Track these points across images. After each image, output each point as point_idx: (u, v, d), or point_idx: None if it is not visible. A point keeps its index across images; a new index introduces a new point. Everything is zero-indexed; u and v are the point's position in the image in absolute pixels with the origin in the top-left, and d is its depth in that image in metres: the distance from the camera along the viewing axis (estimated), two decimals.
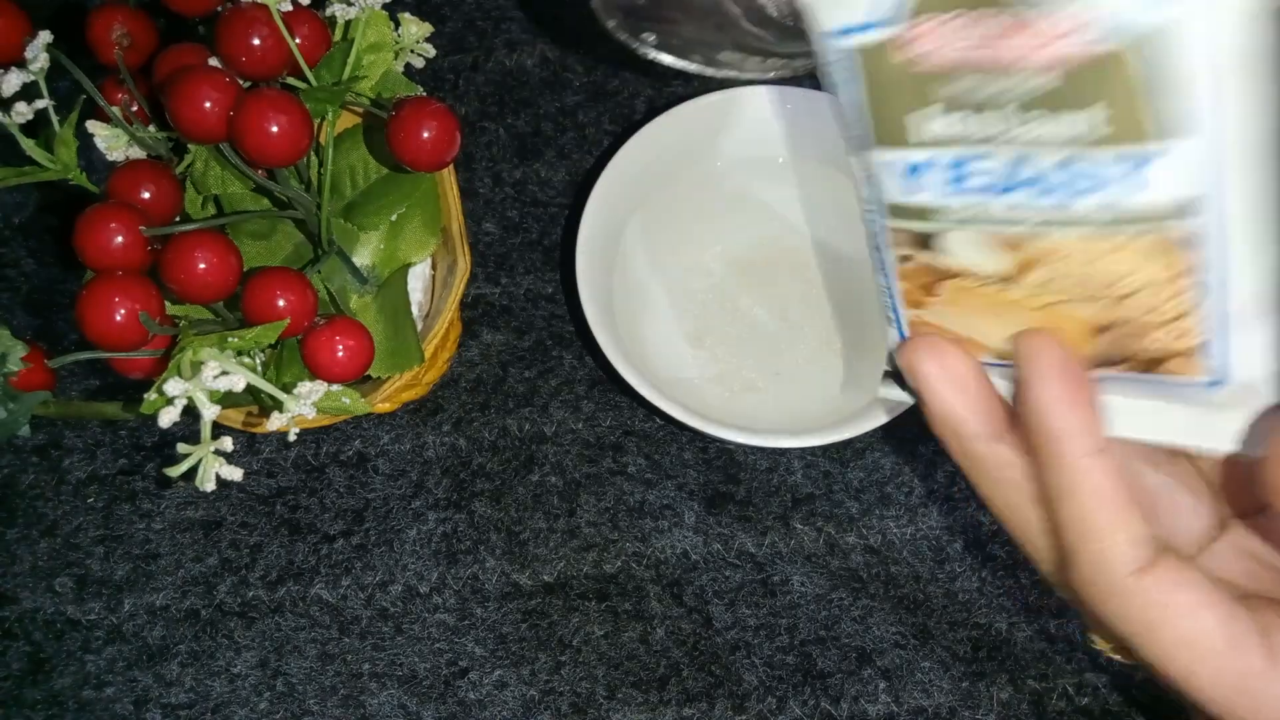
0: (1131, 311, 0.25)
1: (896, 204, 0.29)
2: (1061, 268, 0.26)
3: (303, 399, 0.34)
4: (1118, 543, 0.27)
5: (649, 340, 0.50)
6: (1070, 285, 0.26)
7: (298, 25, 0.37)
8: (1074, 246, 0.25)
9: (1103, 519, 0.27)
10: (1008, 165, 0.26)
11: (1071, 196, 0.25)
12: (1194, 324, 0.25)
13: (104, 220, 0.34)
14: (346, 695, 0.46)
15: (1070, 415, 0.27)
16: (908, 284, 0.31)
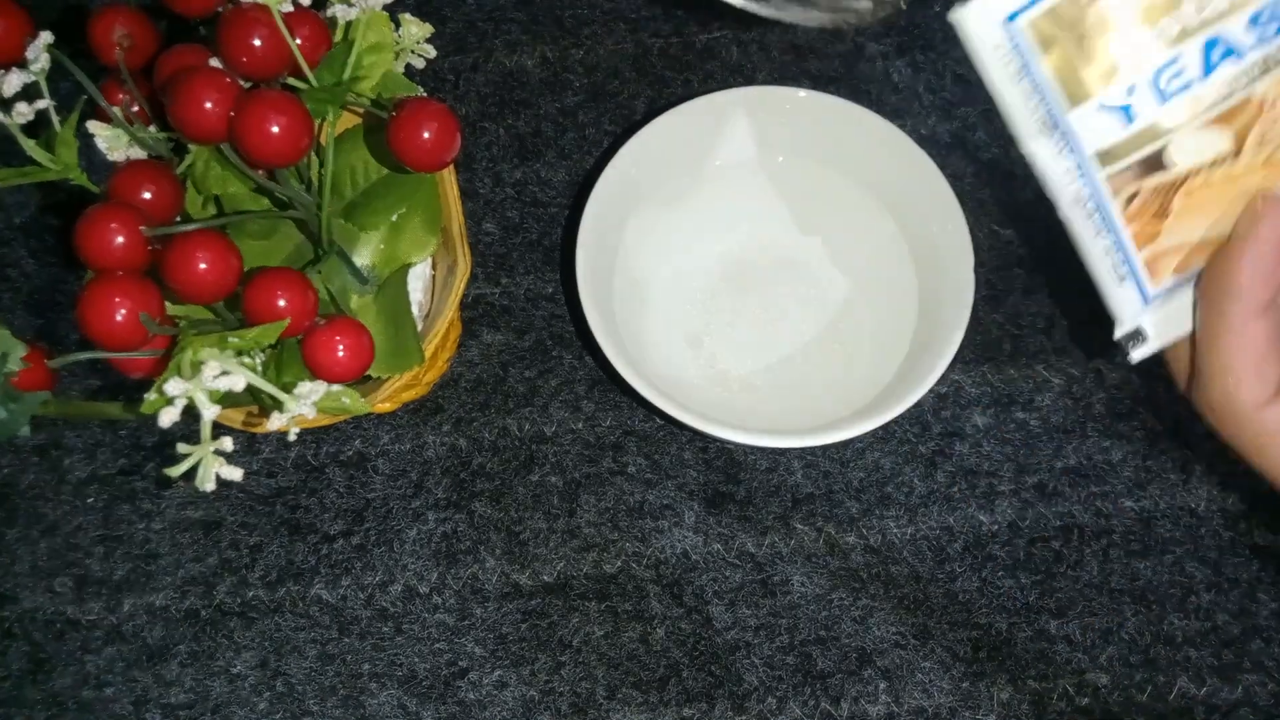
0: None
1: (1107, 149, 0.31)
2: (1270, 116, 0.29)
3: (303, 399, 0.34)
4: (1243, 381, 0.32)
5: (649, 340, 0.50)
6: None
7: (298, 26, 0.37)
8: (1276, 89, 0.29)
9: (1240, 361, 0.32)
10: (1198, 54, 0.30)
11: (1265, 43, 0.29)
12: None
13: (105, 220, 0.34)
14: (346, 695, 0.46)
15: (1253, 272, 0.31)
16: (1138, 224, 0.33)
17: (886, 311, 0.50)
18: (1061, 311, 0.52)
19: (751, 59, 0.57)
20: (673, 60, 0.56)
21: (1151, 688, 0.46)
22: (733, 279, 0.51)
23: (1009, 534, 0.48)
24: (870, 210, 0.51)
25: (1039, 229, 0.53)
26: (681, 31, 0.57)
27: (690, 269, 0.51)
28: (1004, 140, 0.55)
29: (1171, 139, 0.31)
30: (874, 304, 0.51)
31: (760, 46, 0.57)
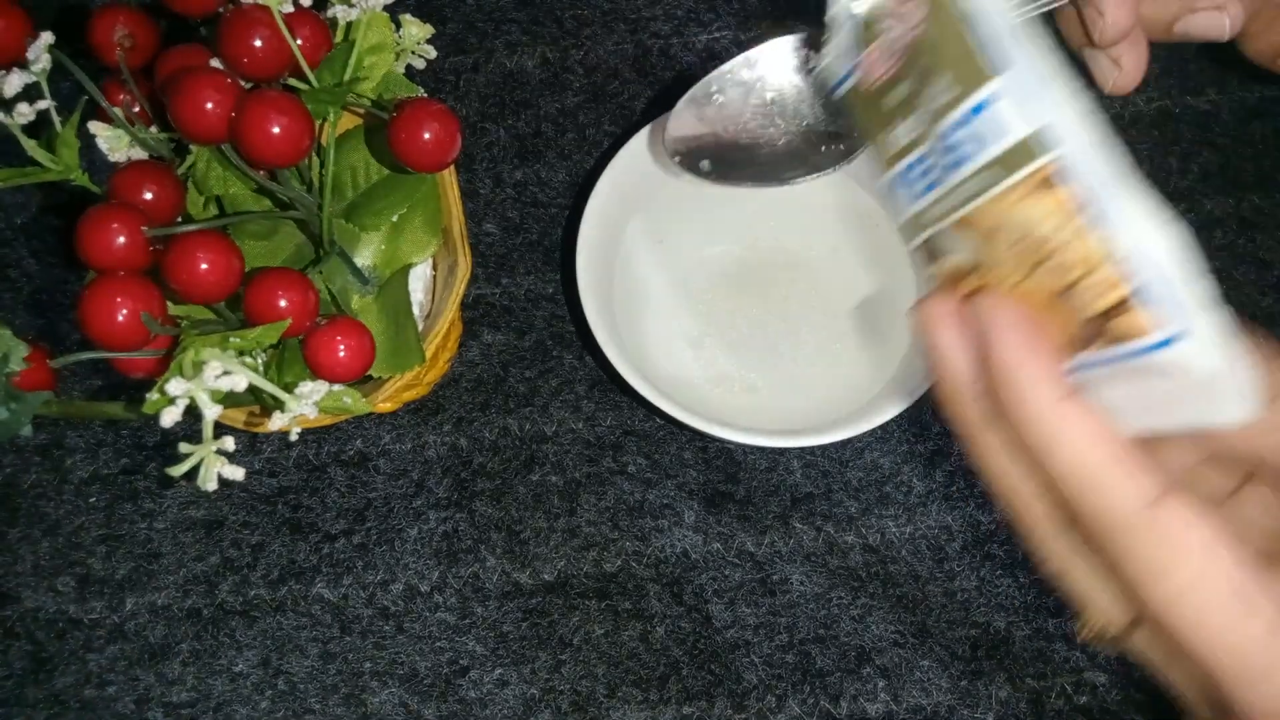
0: (1066, 269, 0.25)
1: (902, 223, 0.32)
2: (1001, 238, 0.27)
3: (304, 399, 0.34)
4: (1118, 477, 0.25)
5: (649, 340, 0.50)
6: (1013, 254, 0.27)
7: (299, 26, 0.38)
8: (994, 210, 0.27)
9: (1096, 456, 0.25)
10: (936, 155, 0.29)
11: (965, 161, 0.27)
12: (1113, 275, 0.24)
13: (106, 221, 0.34)
14: (348, 694, 0.46)
15: (1033, 362, 0.26)
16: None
17: (886, 311, 0.50)
18: None
19: None
20: (673, 61, 0.56)
21: (1149, 686, 0.46)
22: (733, 279, 0.51)
23: (1007, 533, 0.48)
24: (870, 210, 0.51)
25: None
26: (682, 32, 0.57)
27: (691, 269, 0.51)
28: None
29: (935, 233, 0.30)
30: (874, 304, 0.51)
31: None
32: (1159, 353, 0.23)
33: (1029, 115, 0.25)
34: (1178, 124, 0.55)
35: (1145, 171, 0.54)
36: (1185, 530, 0.24)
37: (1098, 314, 0.24)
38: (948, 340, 0.28)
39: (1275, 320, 0.52)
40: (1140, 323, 0.23)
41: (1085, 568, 0.27)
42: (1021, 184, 0.26)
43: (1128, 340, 0.24)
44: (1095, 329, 0.25)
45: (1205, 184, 0.54)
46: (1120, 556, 0.25)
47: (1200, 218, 0.54)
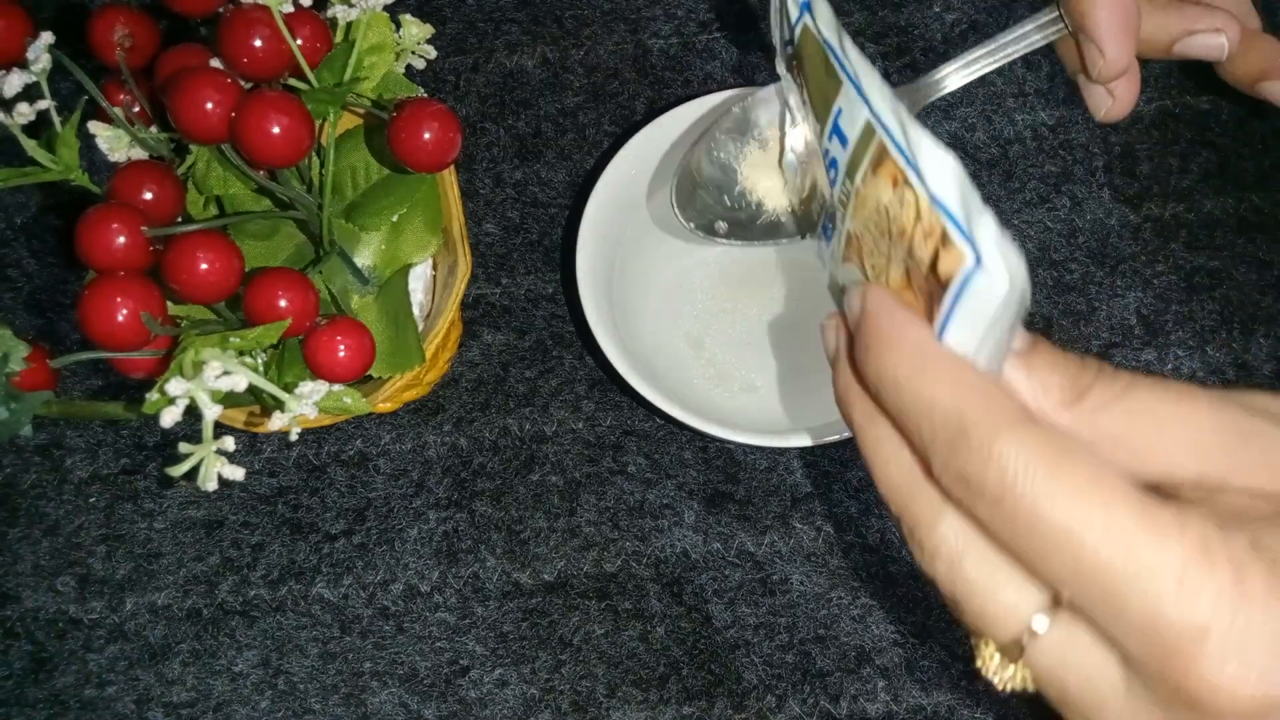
0: (906, 233, 0.27)
1: (829, 285, 0.35)
2: (866, 239, 0.29)
3: (304, 399, 0.34)
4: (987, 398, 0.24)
5: (649, 340, 0.50)
6: (875, 245, 0.29)
7: (299, 26, 0.38)
8: (859, 212, 0.29)
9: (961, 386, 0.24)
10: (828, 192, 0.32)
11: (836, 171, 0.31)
12: (932, 216, 0.25)
13: (106, 221, 0.34)
14: (348, 694, 0.46)
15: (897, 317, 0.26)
16: None
17: None
18: (1060, 311, 0.52)
19: (751, 59, 0.57)
20: (673, 61, 0.56)
21: None
22: (733, 279, 0.51)
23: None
24: None
25: (1038, 230, 0.53)
26: (681, 32, 0.57)
27: (690, 269, 0.51)
28: (1003, 141, 0.55)
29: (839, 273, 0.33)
30: None
31: (760, 47, 0.57)
32: (976, 276, 0.24)
33: (864, 102, 0.28)
34: (1177, 124, 0.55)
35: (1145, 171, 0.54)
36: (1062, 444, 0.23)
37: (930, 266, 0.25)
38: (830, 332, 0.30)
39: (1275, 320, 0.52)
40: (955, 254, 0.25)
41: (981, 552, 0.24)
42: (869, 166, 0.28)
43: (955, 277, 0.24)
44: (935, 284, 0.25)
45: (1205, 184, 0.54)
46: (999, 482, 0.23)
47: (1200, 218, 0.54)
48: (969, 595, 0.25)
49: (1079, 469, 0.22)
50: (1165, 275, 0.53)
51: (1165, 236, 0.53)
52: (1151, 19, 0.39)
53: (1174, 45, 0.40)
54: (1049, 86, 0.56)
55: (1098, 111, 0.41)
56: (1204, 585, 0.21)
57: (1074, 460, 0.23)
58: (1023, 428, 0.23)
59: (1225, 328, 0.52)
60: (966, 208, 0.24)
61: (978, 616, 0.25)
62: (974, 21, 0.57)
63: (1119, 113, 0.41)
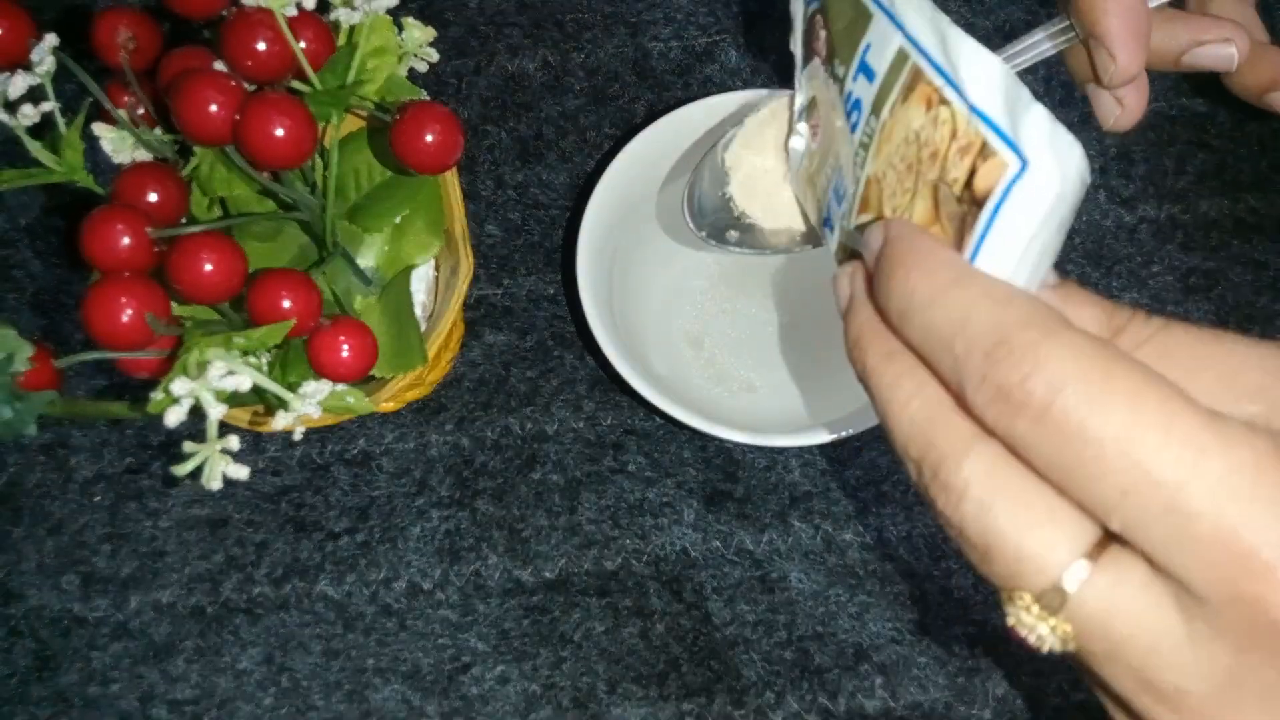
0: (938, 153, 0.25)
1: (834, 252, 0.34)
2: (890, 174, 0.28)
3: (308, 398, 0.35)
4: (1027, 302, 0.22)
5: (649, 340, 0.50)
6: (902, 175, 0.27)
7: (302, 29, 0.38)
8: (884, 148, 0.28)
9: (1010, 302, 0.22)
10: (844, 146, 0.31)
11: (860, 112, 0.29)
12: (970, 129, 0.24)
13: (110, 222, 0.35)
14: (351, 690, 0.47)
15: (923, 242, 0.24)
16: None
17: None
18: None
19: (751, 62, 0.57)
20: (673, 64, 0.57)
21: None
22: (732, 279, 0.52)
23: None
24: None
25: None
26: (682, 36, 0.57)
27: (690, 269, 0.52)
28: None
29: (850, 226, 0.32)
30: None
31: (760, 50, 0.57)
32: (1021, 180, 0.23)
33: (898, 28, 0.27)
34: (1174, 125, 0.56)
35: (1141, 173, 0.55)
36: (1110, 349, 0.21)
37: (965, 184, 0.24)
38: (844, 278, 0.28)
39: (1273, 320, 0.52)
40: (995, 164, 0.23)
41: (1016, 484, 0.22)
42: (900, 94, 0.27)
43: (995, 189, 0.23)
44: (969, 205, 0.24)
45: (1201, 185, 0.55)
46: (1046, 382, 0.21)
47: (1196, 219, 0.54)
48: (1001, 537, 0.22)
49: (1133, 376, 0.20)
50: (1161, 276, 0.53)
51: (1161, 238, 0.54)
52: (1159, 30, 0.39)
53: (1182, 57, 0.40)
54: (1046, 88, 0.56)
55: (1106, 121, 0.41)
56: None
57: (1128, 367, 0.20)
58: (1070, 332, 0.21)
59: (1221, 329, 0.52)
60: (1011, 108, 0.23)
61: (1012, 561, 0.22)
62: (970, 26, 0.57)
63: (1127, 122, 0.41)
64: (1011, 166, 0.23)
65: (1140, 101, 0.40)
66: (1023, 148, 0.23)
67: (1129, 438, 0.20)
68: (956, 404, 0.23)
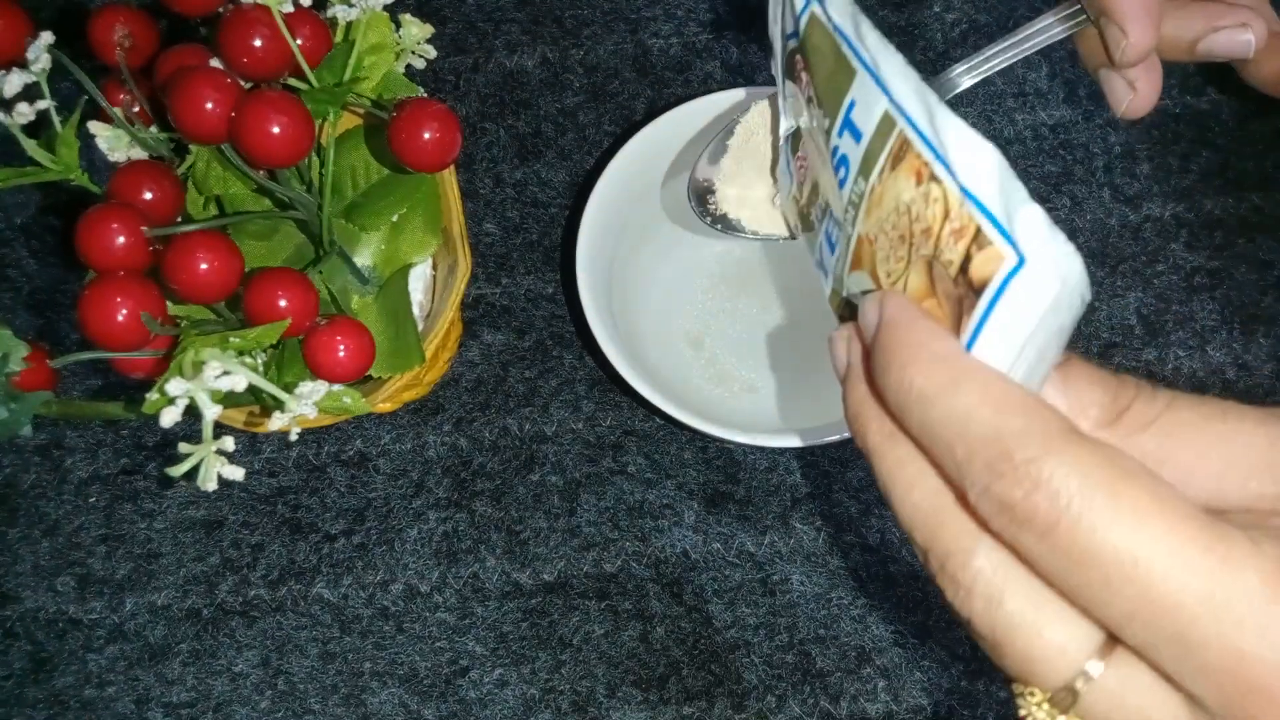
0: (930, 231, 0.24)
1: (828, 296, 0.33)
2: (882, 239, 0.27)
3: (304, 399, 0.34)
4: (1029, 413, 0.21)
5: (649, 340, 0.50)
6: (893, 245, 0.26)
7: (299, 26, 0.38)
8: (874, 211, 0.27)
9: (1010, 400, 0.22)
10: (833, 198, 0.30)
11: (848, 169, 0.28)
12: (963, 212, 0.23)
13: (106, 221, 0.34)
14: (348, 694, 0.46)
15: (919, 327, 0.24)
16: None
17: None
18: None
19: (751, 59, 0.57)
20: (673, 61, 0.56)
21: None
22: (732, 279, 0.51)
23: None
24: None
25: None
26: (681, 32, 0.57)
27: (690, 269, 0.51)
28: (1003, 141, 0.55)
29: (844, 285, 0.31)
30: None
31: (760, 47, 0.57)
32: (1019, 277, 0.22)
33: (873, 104, 0.26)
34: (1178, 123, 0.55)
35: (1145, 171, 0.54)
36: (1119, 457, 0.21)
37: (960, 268, 0.23)
38: (841, 344, 0.27)
39: (1275, 320, 0.52)
40: (992, 254, 0.22)
41: (1024, 587, 0.22)
42: (888, 161, 0.26)
43: (992, 281, 0.22)
44: (965, 289, 0.23)
45: (1205, 184, 0.54)
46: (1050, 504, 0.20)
47: (1200, 217, 0.54)
48: (1011, 636, 0.22)
49: (1141, 491, 0.20)
50: (1165, 275, 0.53)
51: (1165, 236, 0.53)
52: (1173, 18, 0.38)
53: (1198, 44, 0.39)
54: (1049, 86, 0.56)
55: (1119, 106, 0.40)
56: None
57: (1135, 482, 0.20)
58: (1075, 445, 0.21)
59: (1225, 328, 0.52)
60: (1007, 201, 0.22)
61: (1023, 661, 0.22)
62: (974, 21, 0.57)
63: (1140, 108, 0.39)
64: (1009, 260, 0.22)
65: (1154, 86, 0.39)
66: (1019, 243, 0.22)
67: (1134, 561, 0.20)
68: (959, 498, 0.23)
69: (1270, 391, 0.51)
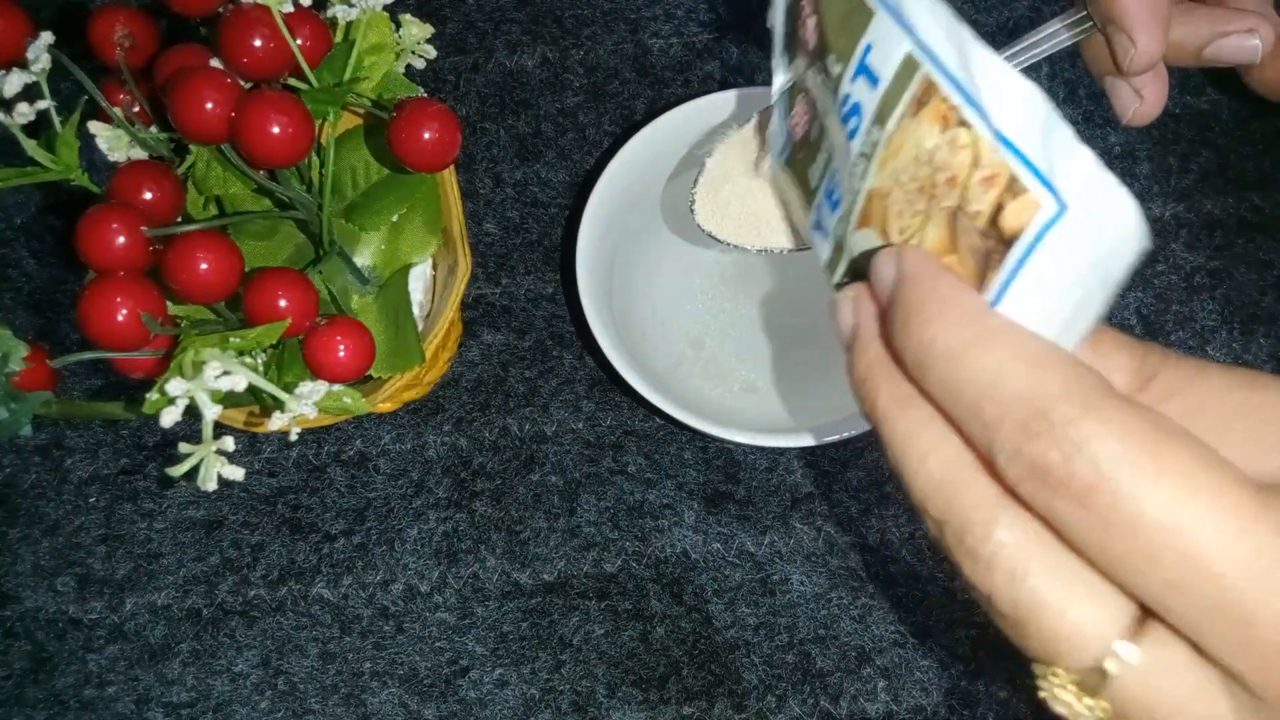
0: (956, 179, 0.23)
1: (823, 264, 0.31)
2: (898, 192, 0.25)
3: (304, 399, 0.34)
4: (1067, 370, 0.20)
5: (649, 340, 0.50)
6: (911, 196, 0.25)
7: (299, 26, 0.38)
8: (890, 162, 0.25)
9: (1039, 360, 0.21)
10: (838, 155, 0.28)
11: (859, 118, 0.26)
12: (995, 158, 0.21)
13: (106, 221, 0.34)
14: (348, 694, 0.46)
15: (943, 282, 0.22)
16: None
17: None
18: None
19: (751, 59, 0.57)
20: (673, 61, 0.56)
21: None
22: (732, 279, 0.51)
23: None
24: None
25: None
26: (681, 32, 0.57)
27: (690, 269, 0.51)
28: None
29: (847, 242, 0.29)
30: None
31: (760, 47, 0.57)
32: (1058, 226, 0.21)
33: (906, 31, 0.24)
34: (1178, 123, 0.55)
35: (1145, 171, 0.54)
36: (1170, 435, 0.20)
37: (990, 220, 0.22)
38: (848, 305, 0.25)
39: (1275, 320, 0.52)
40: (1027, 202, 0.21)
41: (1051, 558, 0.21)
42: (909, 106, 0.24)
43: (1026, 231, 0.21)
44: (994, 241, 0.22)
45: (1205, 184, 0.54)
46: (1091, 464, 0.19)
47: (1200, 217, 0.54)
48: (1036, 613, 0.21)
49: (1187, 455, 0.19)
50: (1165, 275, 0.53)
51: (1165, 236, 0.53)
52: (1180, 24, 0.38)
53: (1205, 50, 0.38)
54: (1049, 86, 0.56)
55: (1125, 113, 0.39)
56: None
57: (1180, 446, 0.19)
58: (1117, 405, 0.20)
59: (1225, 328, 0.52)
60: (1048, 144, 0.21)
61: (1048, 640, 0.21)
62: (974, 21, 0.57)
63: (1147, 115, 0.39)
64: (1047, 208, 0.20)
65: (1160, 94, 0.39)
66: (1060, 189, 0.20)
67: (1179, 528, 0.19)
68: (981, 463, 0.22)
69: None
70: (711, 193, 0.43)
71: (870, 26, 0.26)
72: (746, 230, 0.43)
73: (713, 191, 0.43)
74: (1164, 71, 0.39)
